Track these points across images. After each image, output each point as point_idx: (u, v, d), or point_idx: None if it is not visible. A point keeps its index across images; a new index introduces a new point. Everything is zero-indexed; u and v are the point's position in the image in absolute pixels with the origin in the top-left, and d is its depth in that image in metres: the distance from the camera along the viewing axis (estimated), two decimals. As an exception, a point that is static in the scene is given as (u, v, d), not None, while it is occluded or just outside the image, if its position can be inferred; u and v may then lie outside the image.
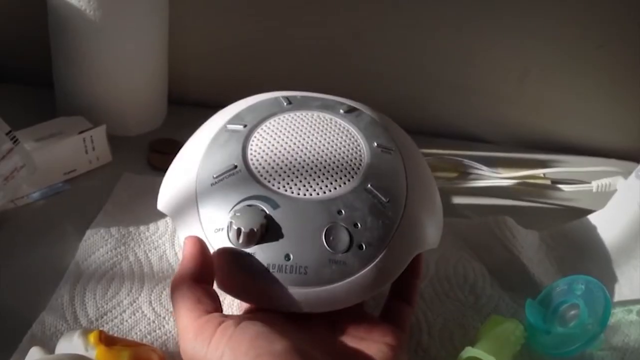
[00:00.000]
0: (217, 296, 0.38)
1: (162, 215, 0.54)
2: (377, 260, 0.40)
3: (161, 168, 0.59)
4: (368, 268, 0.40)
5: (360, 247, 0.40)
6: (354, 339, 0.40)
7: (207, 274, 0.39)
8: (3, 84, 0.71)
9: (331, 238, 0.40)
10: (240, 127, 0.46)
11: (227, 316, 0.36)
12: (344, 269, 0.40)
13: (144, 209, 0.55)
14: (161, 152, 0.63)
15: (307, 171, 0.43)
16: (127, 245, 0.51)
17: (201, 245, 0.40)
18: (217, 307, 0.37)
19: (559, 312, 0.47)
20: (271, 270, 0.39)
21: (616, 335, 0.48)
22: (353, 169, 0.44)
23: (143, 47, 0.63)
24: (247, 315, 0.38)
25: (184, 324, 0.36)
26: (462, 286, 0.52)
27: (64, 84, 0.65)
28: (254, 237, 0.39)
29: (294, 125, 0.46)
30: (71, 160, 0.58)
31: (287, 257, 0.39)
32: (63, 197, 0.57)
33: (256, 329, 0.35)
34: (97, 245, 0.51)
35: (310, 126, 0.47)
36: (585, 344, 0.45)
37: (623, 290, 0.52)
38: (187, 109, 0.70)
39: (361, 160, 0.45)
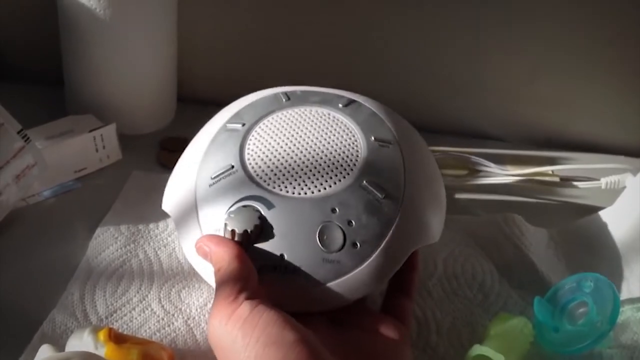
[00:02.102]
0: (253, 273, 0.38)
1: (171, 213, 0.54)
2: (371, 259, 0.40)
3: (171, 166, 0.59)
4: (363, 266, 0.40)
5: (355, 245, 0.40)
6: (357, 334, 0.40)
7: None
8: (13, 84, 0.71)
9: (325, 237, 0.40)
10: (238, 126, 0.47)
11: (250, 298, 0.36)
12: (338, 268, 0.40)
13: (154, 207, 0.54)
14: (171, 150, 0.63)
15: (302, 169, 0.43)
16: (137, 243, 0.52)
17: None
18: (247, 286, 0.37)
19: (567, 310, 0.47)
20: (265, 270, 0.39)
21: (625, 333, 0.48)
22: (349, 165, 0.43)
23: (152, 45, 0.63)
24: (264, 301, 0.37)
25: (215, 302, 0.36)
26: (471, 284, 0.52)
27: (73, 83, 0.65)
28: (247, 238, 0.40)
29: (291, 122, 0.47)
30: (82, 158, 0.59)
31: (282, 257, 0.40)
32: (74, 195, 0.57)
33: (270, 315, 0.35)
34: (107, 243, 0.51)
35: (307, 123, 0.46)
36: (594, 342, 0.44)
37: (632, 288, 0.51)
38: (196, 108, 0.70)
39: (357, 155, 0.44)
